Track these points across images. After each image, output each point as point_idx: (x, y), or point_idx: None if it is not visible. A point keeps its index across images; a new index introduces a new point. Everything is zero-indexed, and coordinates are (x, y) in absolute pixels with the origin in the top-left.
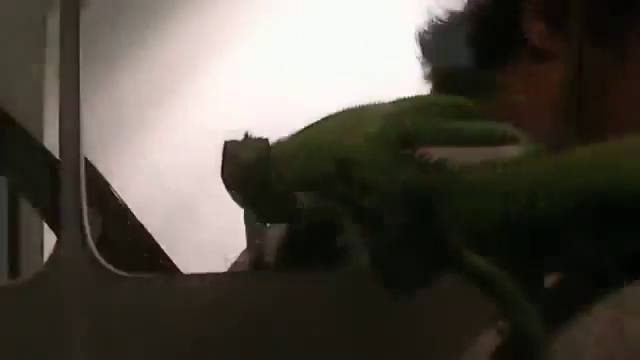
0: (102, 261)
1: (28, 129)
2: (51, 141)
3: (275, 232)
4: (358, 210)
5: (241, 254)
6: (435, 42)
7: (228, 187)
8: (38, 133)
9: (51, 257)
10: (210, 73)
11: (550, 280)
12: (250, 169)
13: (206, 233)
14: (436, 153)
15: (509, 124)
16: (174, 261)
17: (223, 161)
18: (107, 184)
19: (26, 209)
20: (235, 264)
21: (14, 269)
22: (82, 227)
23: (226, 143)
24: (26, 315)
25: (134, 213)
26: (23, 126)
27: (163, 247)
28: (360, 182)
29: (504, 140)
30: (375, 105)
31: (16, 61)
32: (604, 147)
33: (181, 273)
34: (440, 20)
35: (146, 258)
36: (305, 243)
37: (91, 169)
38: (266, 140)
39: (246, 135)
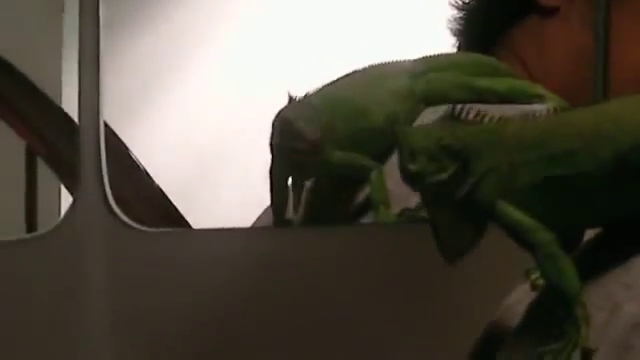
0: (121, 215)
1: (46, 91)
2: (69, 103)
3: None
4: (407, 174)
5: (264, 211)
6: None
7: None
8: (57, 94)
9: (69, 211)
10: (231, 36)
11: (589, 234)
12: (316, 147)
13: (225, 198)
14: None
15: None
16: (191, 224)
17: (280, 131)
18: (124, 146)
19: (43, 167)
20: (259, 219)
21: (32, 227)
22: (102, 181)
23: (282, 113)
24: (43, 267)
25: (152, 176)
26: (40, 88)
27: (181, 211)
28: (406, 147)
29: (532, 98)
30: (402, 62)
31: (34, 25)
32: (637, 100)
33: (199, 228)
34: None
35: (162, 219)
36: (330, 198)
37: (108, 131)
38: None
39: (290, 98)
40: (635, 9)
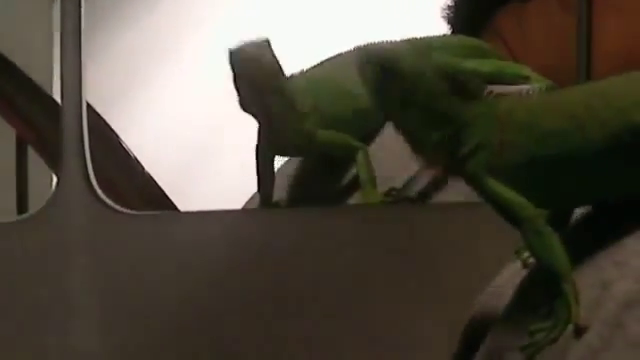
0: (104, 197)
1: (37, 79)
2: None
3: (286, 170)
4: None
5: (252, 196)
6: None
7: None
8: (47, 82)
9: (54, 194)
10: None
11: (579, 212)
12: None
13: (215, 185)
14: None
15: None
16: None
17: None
18: (115, 134)
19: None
20: (246, 204)
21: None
22: (84, 163)
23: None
24: (30, 248)
25: (142, 163)
26: (30, 76)
27: (172, 198)
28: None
29: (518, 79)
30: (391, 43)
31: (24, 13)
32: (629, 79)
33: (181, 211)
34: None
35: (152, 205)
36: (316, 179)
37: (97, 119)
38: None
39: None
40: None
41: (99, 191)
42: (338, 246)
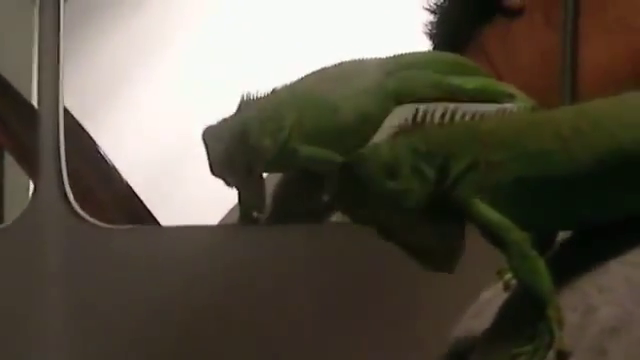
0: (79, 210)
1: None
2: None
3: (267, 185)
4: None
5: (230, 210)
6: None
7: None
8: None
9: (29, 205)
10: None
11: (563, 235)
12: (223, 161)
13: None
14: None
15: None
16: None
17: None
18: (93, 142)
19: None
20: (224, 220)
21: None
22: (60, 174)
23: (203, 132)
24: (5, 259)
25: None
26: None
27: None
28: (379, 166)
29: (503, 96)
30: (374, 59)
31: (4, 19)
32: (619, 102)
33: (164, 226)
34: None
35: (129, 215)
36: (296, 196)
37: (76, 126)
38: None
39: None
40: (594, 5)
41: (74, 203)
42: (319, 263)
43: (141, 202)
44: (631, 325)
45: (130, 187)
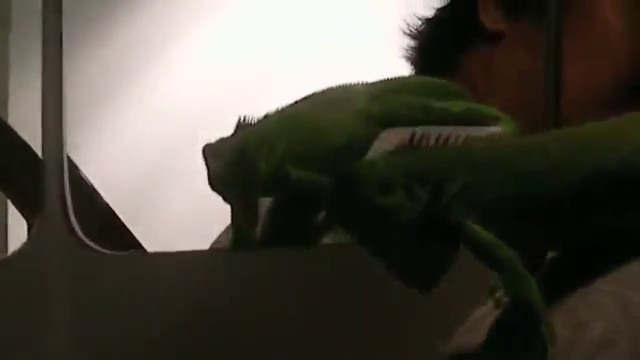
0: (86, 240)
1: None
2: (18, 122)
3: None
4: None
5: (223, 232)
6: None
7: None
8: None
9: (32, 238)
10: (179, 52)
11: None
12: (222, 176)
13: (174, 212)
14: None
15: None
16: (140, 240)
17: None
18: (71, 162)
19: None
20: (216, 242)
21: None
22: (65, 207)
23: (203, 149)
24: (8, 293)
25: (101, 193)
26: None
27: (130, 226)
28: (370, 182)
29: (488, 119)
30: (362, 84)
31: None
32: (607, 124)
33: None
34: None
35: (113, 237)
36: (289, 218)
37: None
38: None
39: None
40: (572, 27)
41: (81, 234)
42: (313, 287)
43: (121, 222)
44: (620, 339)
45: (109, 206)
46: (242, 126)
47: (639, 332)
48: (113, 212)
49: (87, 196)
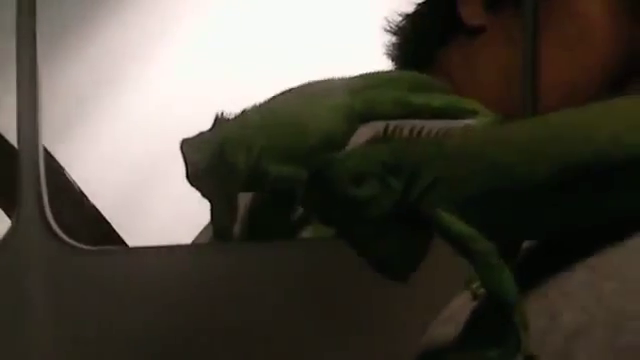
0: (62, 234)
1: None
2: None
3: (239, 203)
4: (344, 200)
5: (204, 229)
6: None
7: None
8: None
9: (8, 232)
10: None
11: (526, 244)
12: (201, 171)
13: (161, 214)
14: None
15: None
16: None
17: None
18: (58, 164)
19: None
20: (197, 239)
21: None
22: (41, 202)
23: (181, 143)
24: None
25: (87, 195)
26: None
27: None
28: (344, 173)
29: (467, 113)
30: (341, 79)
31: None
32: (579, 114)
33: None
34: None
35: (102, 240)
36: (268, 213)
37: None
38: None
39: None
40: (553, 22)
41: (58, 230)
42: (292, 280)
43: (108, 223)
44: (594, 328)
45: (96, 208)
46: (220, 121)
47: (613, 321)
48: (101, 215)
49: (75, 199)
